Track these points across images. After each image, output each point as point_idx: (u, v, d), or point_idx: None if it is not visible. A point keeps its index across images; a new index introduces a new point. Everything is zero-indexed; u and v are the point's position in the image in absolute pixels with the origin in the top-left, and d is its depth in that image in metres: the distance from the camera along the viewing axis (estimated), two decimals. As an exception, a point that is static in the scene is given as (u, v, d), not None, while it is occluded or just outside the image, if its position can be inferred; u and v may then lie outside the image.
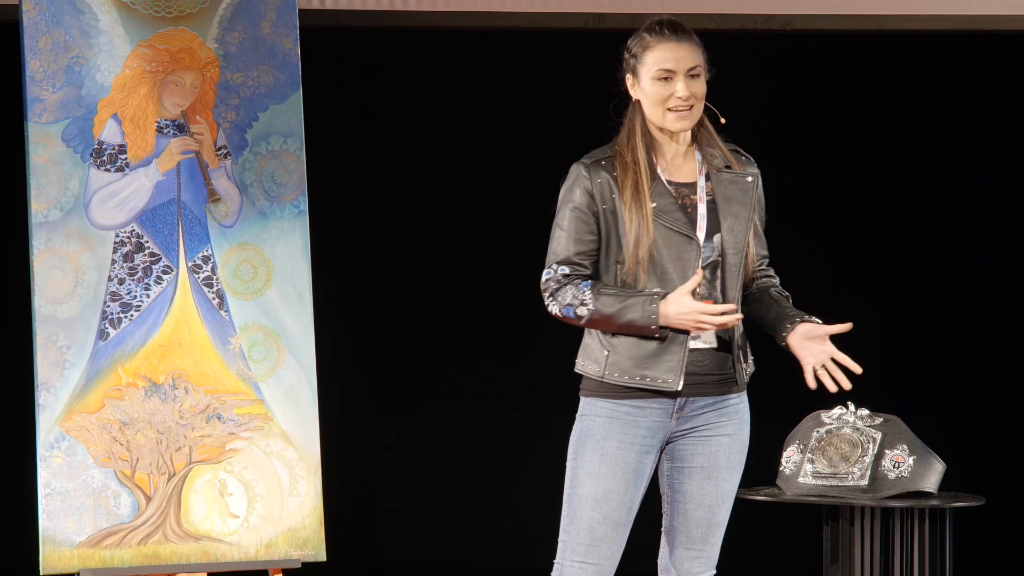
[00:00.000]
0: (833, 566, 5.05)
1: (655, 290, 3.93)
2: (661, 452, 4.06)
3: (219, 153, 5.34)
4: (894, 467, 4.97)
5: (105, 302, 5.22)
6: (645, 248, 3.94)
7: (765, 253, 4.14)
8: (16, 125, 5.32)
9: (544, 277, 4.01)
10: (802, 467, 5.08)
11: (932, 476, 4.97)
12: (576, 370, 4.06)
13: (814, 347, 4.03)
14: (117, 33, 5.28)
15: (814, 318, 4.08)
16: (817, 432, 5.12)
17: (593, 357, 4.01)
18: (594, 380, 4.00)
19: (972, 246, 6.66)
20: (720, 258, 3.98)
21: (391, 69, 6.48)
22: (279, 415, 5.31)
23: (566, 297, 3.97)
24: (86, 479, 5.16)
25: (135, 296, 5.24)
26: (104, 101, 5.26)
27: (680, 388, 3.95)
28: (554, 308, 3.99)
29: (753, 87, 6.61)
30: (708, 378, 4.01)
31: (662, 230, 3.95)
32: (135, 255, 5.26)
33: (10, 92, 5.60)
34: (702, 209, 3.99)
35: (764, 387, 6.63)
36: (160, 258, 5.28)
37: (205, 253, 5.32)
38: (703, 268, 3.96)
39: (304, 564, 5.31)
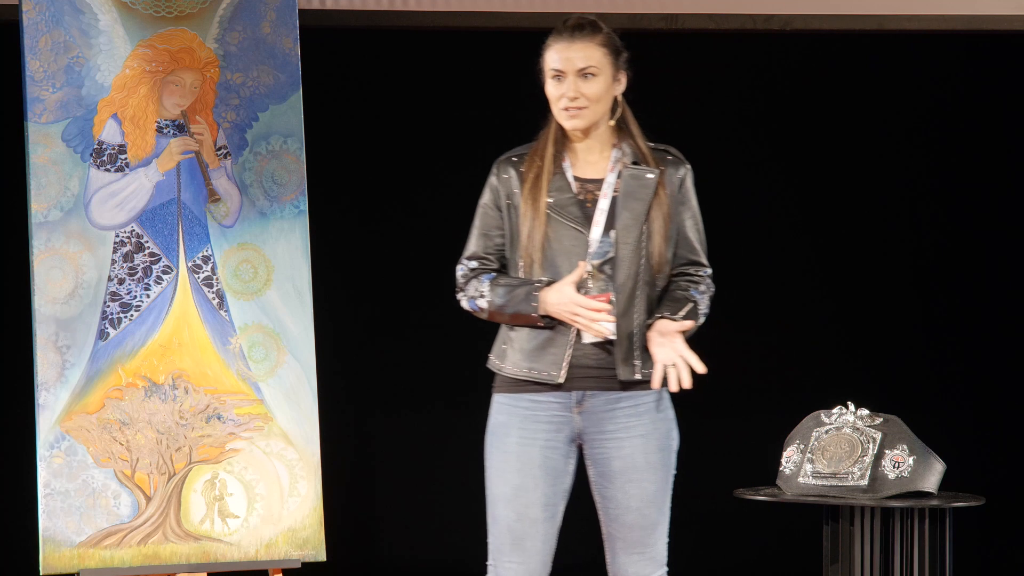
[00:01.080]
0: (833, 566, 5.05)
1: (539, 279, 3.98)
2: (579, 450, 4.06)
3: (219, 153, 5.34)
4: (894, 467, 4.97)
5: (105, 302, 5.22)
6: (537, 242, 4.00)
7: (693, 257, 4.12)
8: (16, 125, 5.32)
9: (458, 272, 4.12)
10: (802, 467, 5.08)
11: (932, 476, 4.97)
12: (488, 364, 4.14)
13: (665, 344, 3.99)
14: (117, 33, 5.28)
15: (674, 316, 4.00)
16: (817, 432, 5.12)
17: (497, 352, 4.11)
18: (497, 375, 4.09)
19: (972, 246, 6.66)
20: (615, 254, 4.00)
21: (391, 69, 6.48)
22: (279, 415, 5.31)
23: (470, 290, 4.09)
24: (86, 479, 5.16)
25: (135, 296, 5.25)
26: (104, 101, 5.26)
27: (563, 380, 3.98)
28: (464, 302, 4.12)
29: (753, 87, 6.61)
30: (597, 371, 4.01)
31: (556, 224, 4.00)
32: (135, 255, 5.26)
33: (10, 92, 5.60)
34: (603, 204, 4.02)
35: (764, 387, 6.65)
36: (160, 258, 5.28)
37: (205, 253, 5.32)
38: (599, 263, 3.98)
39: (304, 564, 5.31)
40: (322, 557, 5.32)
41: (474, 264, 4.10)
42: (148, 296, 5.26)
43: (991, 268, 6.66)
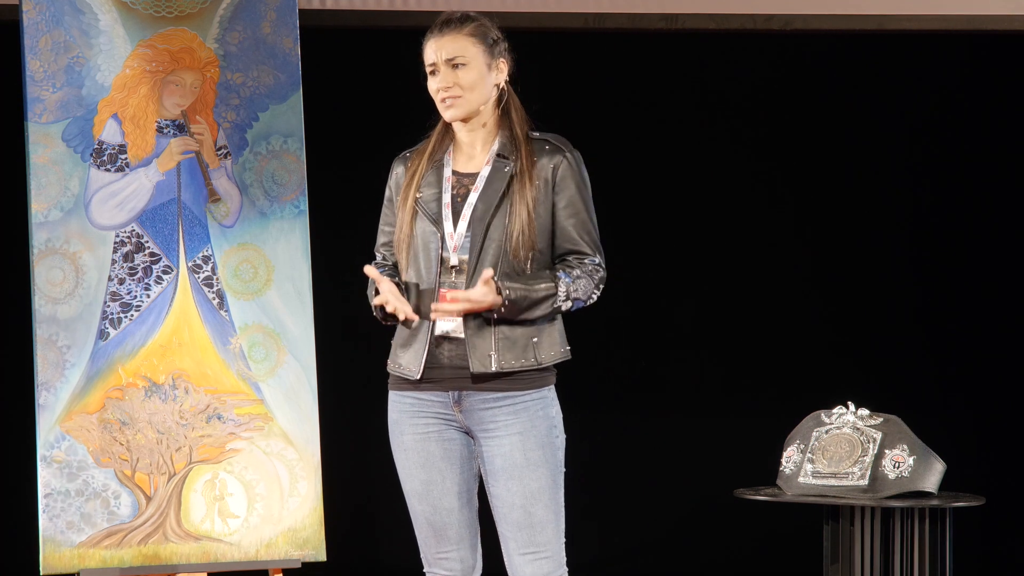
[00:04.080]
0: (833, 566, 5.05)
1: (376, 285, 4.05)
2: (472, 438, 4.07)
3: (219, 153, 5.34)
4: (894, 467, 4.96)
5: (105, 302, 5.22)
6: (404, 237, 4.06)
7: (571, 247, 4.07)
8: (16, 125, 5.32)
9: None
10: (802, 467, 5.08)
11: (932, 476, 4.97)
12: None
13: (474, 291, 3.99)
14: (117, 33, 5.28)
15: (503, 281, 3.97)
16: (817, 432, 5.12)
17: (390, 347, 4.15)
18: (388, 372, 4.13)
19: (972, 246, 6.66)
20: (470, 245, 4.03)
21: (391, 69, 6.47)
22: (279, 415, 5.31)
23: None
24: (86, 479, 5.16)
25: (135, 296, 5.25)
26: (104, 101, 5.26)
27: (419, 378, 4.00)
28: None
29: (753, 87, 6.61)
30: (457, 372, 4.01)
31: (419, 220, 4.05)
32: (135, 255, 5.26)
33: (10, 92, 5.60)
34: (472, 198, 4.04)
35: (764, 387, 6.65)
36: (160, 258, 5.28)
37: (205, 253, 5.32)
38: (464, 256, 4.00)
39: (304, 564, 5.31)
40: (322, 557, 5.31)
41: (377, 259, 4.20)
42: (148, 296, 5.26)
43: (991, 268, 6.66)
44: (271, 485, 5.29)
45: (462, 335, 3.99)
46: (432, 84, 4.08)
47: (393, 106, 6.51)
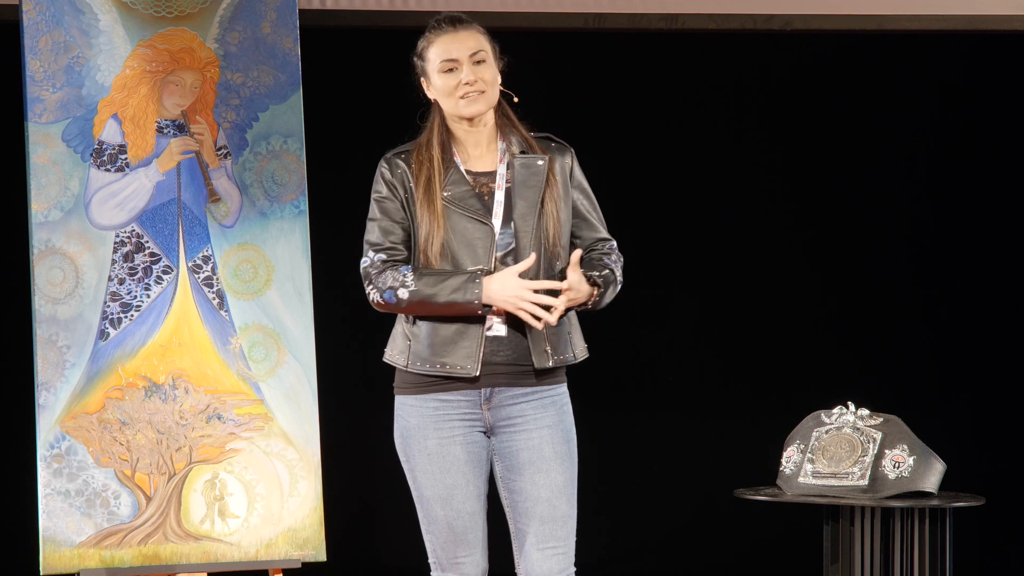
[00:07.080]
0: (833, 566, 5.05)
1: (478, 267, 3.97)
2: (489, 437, 4.07)
3: (219, 153, 5.34)
4: (894, 467, 4.96)
5: (105, 302, 5.22)
6: (437, 238, 4.00)
7: (596, 235, 4.13)
8: (16, 125, 5.32)
9: (363, 265, 4.08)
10: (802, 467, 5.08)
11: (932, 476, 4.97)
12: (384, 359, 4.12)
13: (567, 289, 4.00)
14: (117, 33, 5.28)
15: (591, 273, 4.01)
16: (817, 432, 5.12)
17: (398, 347, 4.09)
18: (400, 372, 4.07)
19: (972, 246, 6.66)
20: (515, 243, 4.01)
21: (391, 69, 6.47)
22: (279, 415, 5.31)
23: (387, 281, 4.02)
24: (86, 479, 5.16)
25: (135, 296, 5.25)
26: (104, 101, 5.26)
27: (478, 374, 3.98)
28: (374, 295, 4.05)
29: (753, 87, 6.61)
30: (506, 368, 4.01)
31: (456, 218, 4.00)
32: (135, 255, 5.26)
33: (10, 92, 5.60)
34: (499, 196, 4.03)
35: (764, 387, 6.65)
36: (160, 258, 5.28)
37: (205, 253, 5.32)
38: (502, 255, 4.00)
39: (304, 564, 5.31)
40: (322, 557, 5.32)
41: (383, 256, 4.05)
42: (148, 296, 5.26)
43: (991, 268, 6.66)
44: (271, 485, 5.29)
45: (503, 333, 3.99)
46: (450, 80, 4.04)
47: (393, 106, 6.51)
